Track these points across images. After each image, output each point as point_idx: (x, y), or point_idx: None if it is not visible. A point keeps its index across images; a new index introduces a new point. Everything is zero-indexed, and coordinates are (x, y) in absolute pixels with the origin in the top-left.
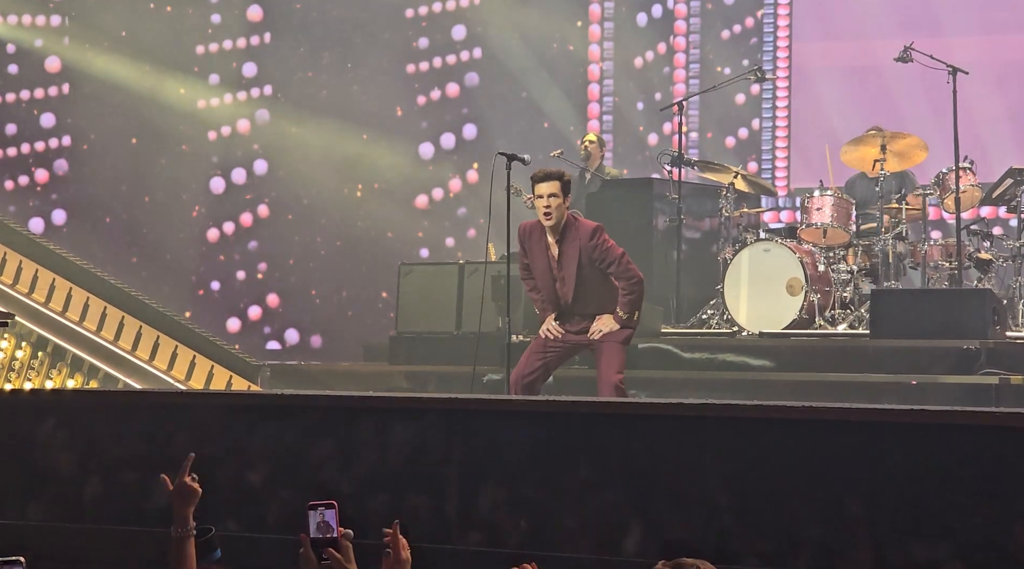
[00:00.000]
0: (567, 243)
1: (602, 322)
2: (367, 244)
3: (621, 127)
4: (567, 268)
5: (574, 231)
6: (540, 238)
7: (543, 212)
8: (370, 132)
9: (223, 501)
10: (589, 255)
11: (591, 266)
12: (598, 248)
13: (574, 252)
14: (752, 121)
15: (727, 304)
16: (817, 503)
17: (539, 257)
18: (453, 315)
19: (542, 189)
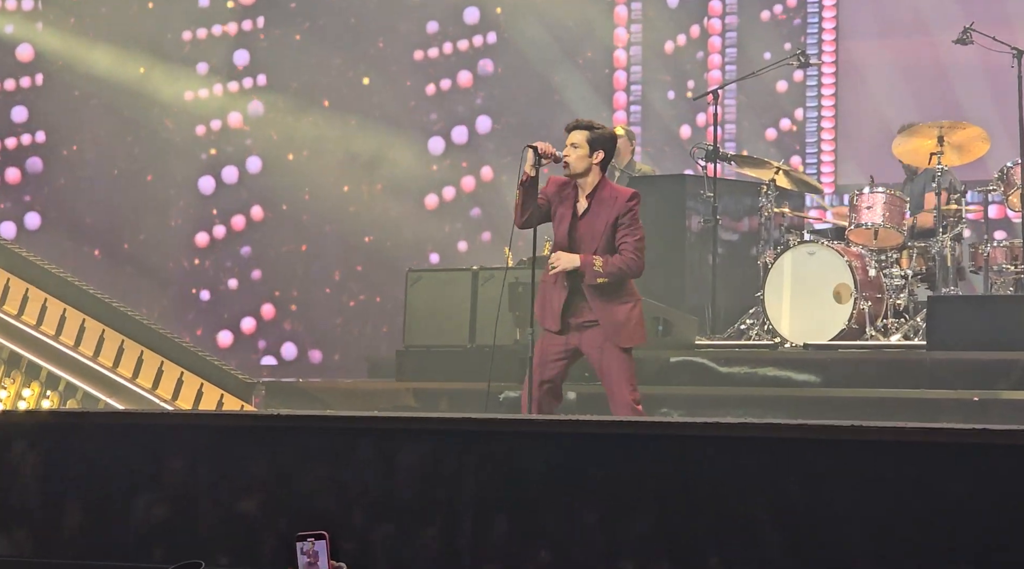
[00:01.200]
0: (598, 205)
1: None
2: (371, 249)
3: (651, 119)
4: (592, 227)
5: (609, 195)
6: (569, 192)
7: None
8: (374, 126)
9: (213, 533)
10: (618, 216)
11: (612, 231)
12: (630, 212)
13: (604, 216)
14: (795, 111)
15: (768, 313)
16: (870, 532)
17: (563, 206)
18: (466, 327)
19: (570, 137)
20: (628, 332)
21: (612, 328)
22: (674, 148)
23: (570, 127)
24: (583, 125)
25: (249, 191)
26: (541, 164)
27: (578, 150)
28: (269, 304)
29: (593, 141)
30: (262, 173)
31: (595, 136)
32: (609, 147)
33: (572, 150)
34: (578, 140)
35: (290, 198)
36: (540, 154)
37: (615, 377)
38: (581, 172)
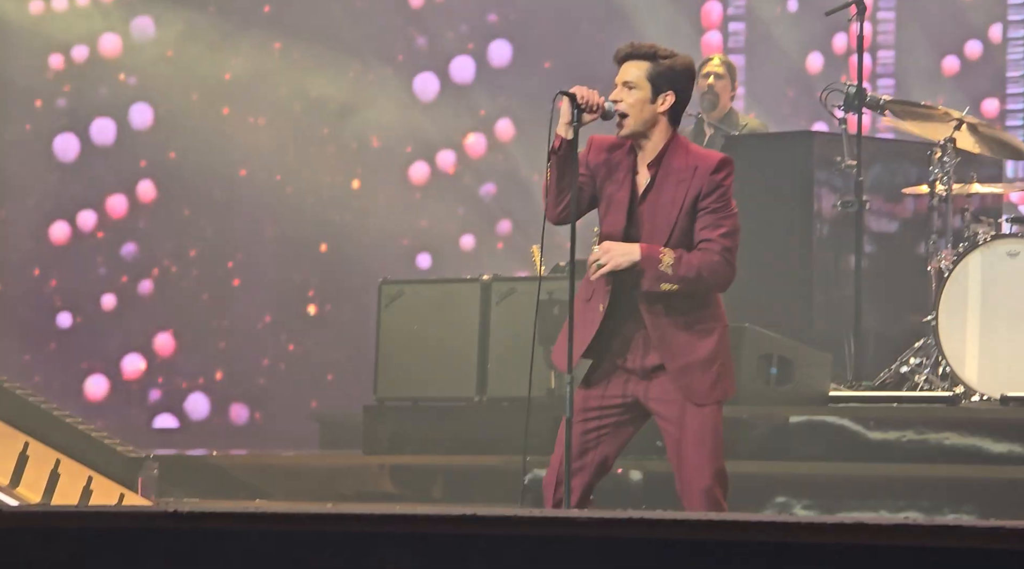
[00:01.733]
0: (668, 178)
1: (611, 245)
2: (325, 246)
3: (761, 44)
4: (658, 212)
5: (684, 163)
6: (622, 160)
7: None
8: (330, 56)
9: None
10: (699, 195)
11: (690, 217)
12: (719, 189)
13: (676, 196)
14: (990, 28)
15: (944, 349)
16: None
17: (614, 182)
18: (472, 368)
19: (621, 72)
20: (710, 379)
21: (684, 373)
22: (798, 90)
23: (621, 55)
24: (641, 52)
25: (134, 158)
26: (582, 121)
27: (635, 92)
28: (166, 334)
29: (658, 77)
30: (154, 130)
31: (661, 69)
32: (683, 86)
33: (626, 93)
34: (634, 77)
35: (198, 169)
36: (580, 105)
37: (690, 450)
38: (640, 128)
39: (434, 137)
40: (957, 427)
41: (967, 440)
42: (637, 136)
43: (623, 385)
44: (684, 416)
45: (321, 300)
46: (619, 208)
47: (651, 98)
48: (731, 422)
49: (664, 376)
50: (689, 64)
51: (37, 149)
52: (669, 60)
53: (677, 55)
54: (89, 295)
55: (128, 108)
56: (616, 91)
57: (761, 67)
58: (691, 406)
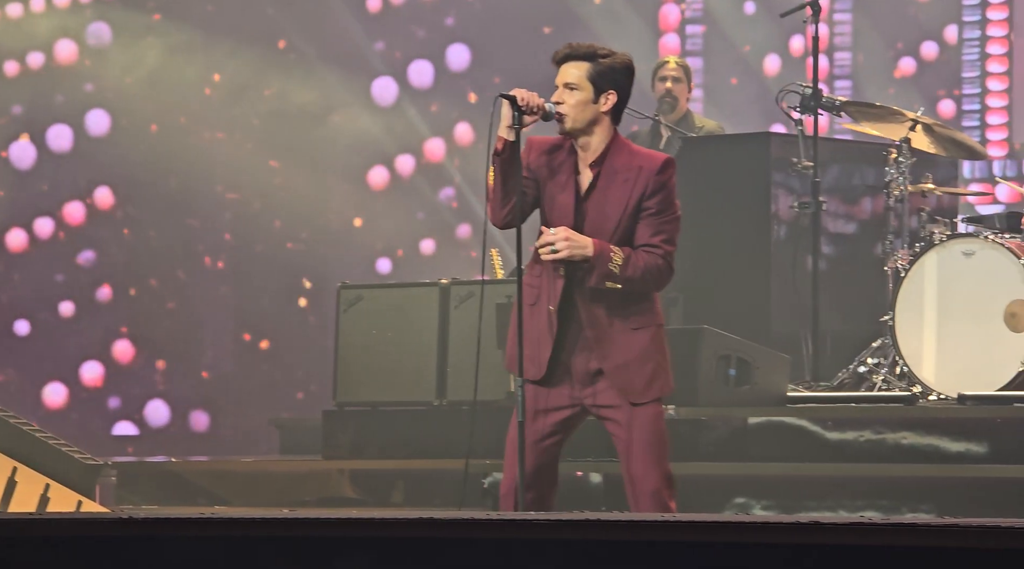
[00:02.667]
0: (611, 178)
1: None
2: (284, 252)
3: (717, 45)
4: (602, 213)
5: (626, 163)
6: (564, 159)
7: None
8: (286, 60)
9: None
10: (642, 196)
11: (633, 217)
12: (664, 189)
13: (619, 196)
14: (945, 30)
15: (902, 348)
16: None
17: (556, 182)
18: (432, 373)
19: (561, 74)
20: (646, 377)
21: (620, 373)
22: (755, 92)
23: (560, 57)
24: (580, 52)
25: (91, 165)
26: (523, 123)
27: (576, 94)
28: (125, 341)
29: (598, 77)
30: (111, 136)
31: (601, 69)
32: (624, 84)
33: (567, 94)
34: (575, 78)
35: (157, 174)
36: (520, 107)
37: (637, 453)
38: (582, 127)
39: (393, 142)
40: (914, 426)
41: (924, 439)
42: (578, 135)
43: (569, 392)
44: (631, 420)
45: (281, 305)
46: (563, 209)
47: (593, 98)
48: (690, 423)
49: (604, 380)
50: (628, 63)
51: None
52: (609, 59)
53: (616, 54)
54: (47, 302)
55: (85, 114)
56: (557, 93)
57: (718, 69)
58: (635, 409)
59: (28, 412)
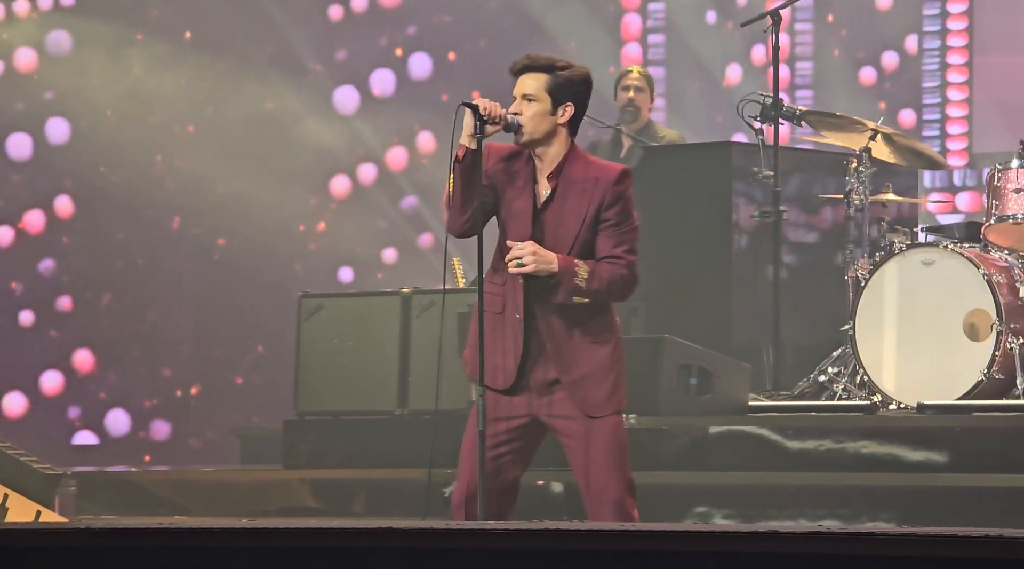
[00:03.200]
0: (568, 188)
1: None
2: (245, 262)
3: (680, 56)
4: (559, 224)
5: (584, 174)
6: (521, 169)
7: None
8: (247, 69)
9: None
10: (600, 207)
11: (592, 228)
12: (621, 200)
13: (577, 207)
14: (906, 39)
15: (861, 358)
16: None
17: (513, 190)
18: (393, 382)
19: (519, 85)
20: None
21: (579, 386)
22: (717, 101)
23: (518, 68)
24: (539, 64)
25: (51, 173)
26: (485, 133)
27: (534, 105)
28: (85, 350)
29: (557, 89)
30: (72, 144)
31: (559, 81)
32: (582, 97)
33: (525, 105)
34: (533, 89)
35: (116, 184)
36: (483, 116)
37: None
38: (539, 139)
39: (355, 150)
40: (875, 435)
41: (885, 448)
42: (536, 145)
43: (527, 403)
44: (588, 431)
45: (241, 315)
46: (521, 218)
47: (551, 110)
48: (651, 433)
49: (561, 391)
50: (587, 75)
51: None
52: (567, 72)
53: (574, 66)
54: (6, 311)
55: (45, 123)
56: (516, 103)
57: (680, 78)
58: (593, 421)
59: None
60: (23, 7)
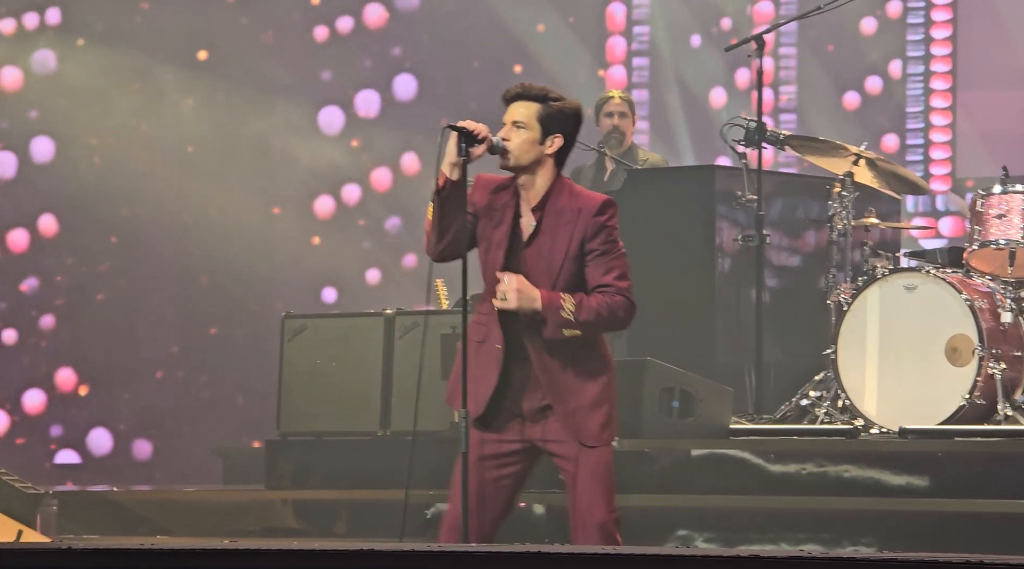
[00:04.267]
0: (554, 220)
1: (517, 280)
2: (228, 280)
3: (663, 78)
4: (545, 257)
5: (569, 205)
6: (507, 200)
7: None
8: (232, 89)
9: None
10: (584, 239)
11: (577, 260)
12: (604, 231)
13: (562, 239)
14: (890, 64)
15: (843, 382)
16: None
17: (496, 222)
18: (376, 403)
19: (510, 111)
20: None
21: (573, 417)
22: (701, 125)
23: (511, 95)
24: (532, 93)
25: (35, 191)
26: (471, 156)
27: (524, 132)
28: (68, 369)
29: (547, 119)
30: (55, 163)
31: (551, 111)
32: (572, 130)
33: (515, 132)
34: (524, 117)
35: (102, 202)
36: (471, 133)
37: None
38: (526, 166)
39: (339, 171)
40: (856, 460)
41: (866, 473)
42: (520, 173)
43: (519, 430)
44: (578, 456)
45: (225, 334)
46: (500, 250)
47: (540, 139)
48: (633, 455)
49: (554, 417)
50: (578, 109)
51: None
52: (559, 103)
53: (567, 99)
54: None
55: (29, 142)
56: (505, 130)
57: (664, 102)
58: (584, 449)
59: None
60: (8, 26)
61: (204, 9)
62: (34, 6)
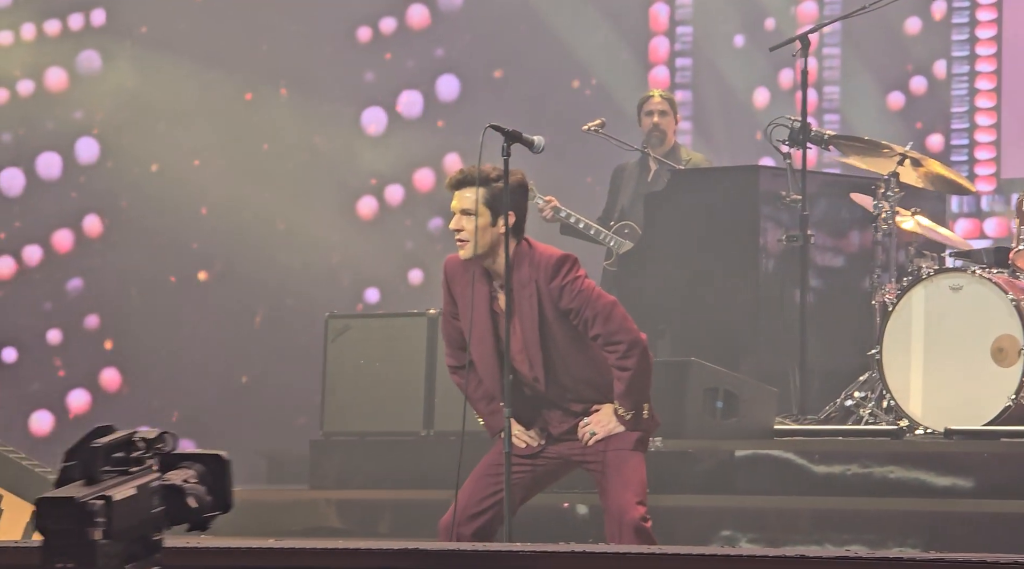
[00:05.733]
0: (519, 288)
1: (600, 418)
2: (272, 281)
3: (706, 79)
4: (524, 329)
5: (527, 269)
6: (476, 283)
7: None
8: (273, 90)
9: None
10: (554, 304)
11: (561, 322)
12: (566, 291)
13: (530, 304)
14: (934, 64)
15: (889, 382)
16: None
17: (477, 315)
18: (419, 403)
19: (457, 200)
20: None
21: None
22: (744, 125)
23: (453, 183)
24: (471, 178)
25: (80, 192)
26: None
27: (471, 220)
28: (112, 369)
29: (494, 200)
30: (100, 163)
31: (495, 193)
32: (521, 203)
33: (466, 220)
34: (471, 203)
35: (145, 202)
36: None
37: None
38: (485, 252)
39: (382, 171)
40: (901, 461)
41: (911, 473)
42: (484, 259)
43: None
44: (606, 457)
45: (268, 334)
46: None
47: (492, 221)
48: (676, 456)
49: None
50: (522, 181)
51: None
52: (501, 182)
53: (508, 174)
54: (34, 330)
55: (74, 142)
56: (456, 219)
57: (708, 102)
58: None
59: (14, 440)
60: (54, 27)
61: (249, 11)
62: (79, 7)
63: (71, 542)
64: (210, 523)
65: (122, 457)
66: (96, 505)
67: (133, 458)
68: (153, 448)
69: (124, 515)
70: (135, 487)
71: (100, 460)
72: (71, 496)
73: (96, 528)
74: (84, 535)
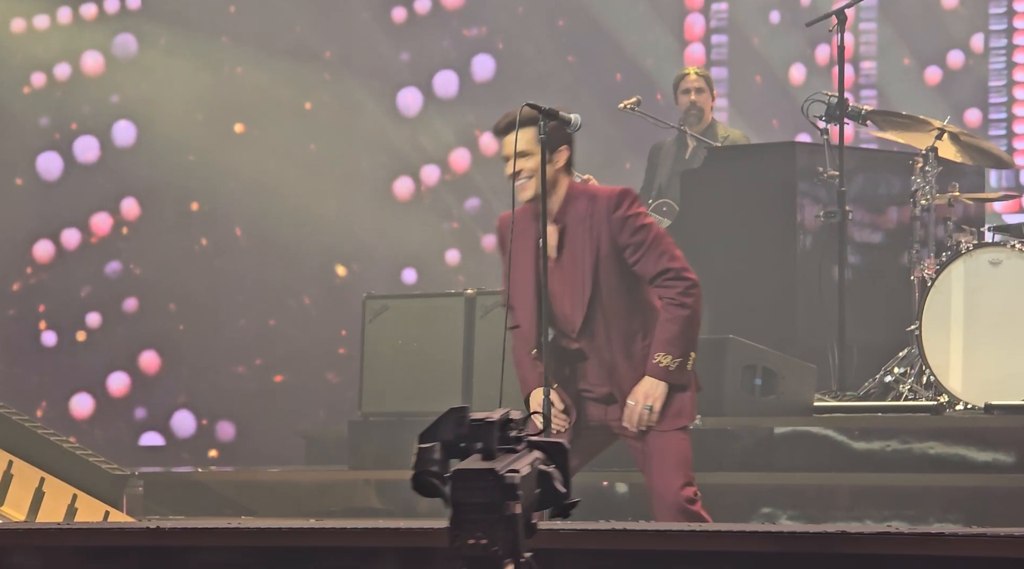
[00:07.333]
0: (576, 229)
1: (640, 394)
2: (310, 262)
3: (742, 54)
4: (575, 266)
5: (585, 203)
6: (529, 225)
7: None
8: (310, 71)
9: None
10: (612, 238)
11: (614, 259)
12: (629, 222)
13: (586, 239)
14: (972, 38)
15: (928, 358)
16: None
17: (523, 254)
18: (458, 382)
19: (505, 147)
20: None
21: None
22: (781, 101)
23: (500, 128)
24: (523, 119)
25: (118, 175)
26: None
27: (531, 158)
28: (151, 351)
29: (546, 138)
30: (137, 146)
31: (546, 132)
32: (570, 137)
33: (522, 161)
34: (525, 146)
35: (184, 186)
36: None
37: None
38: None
39: (418, 152)
40: (941, 436)
41: (951, 449)
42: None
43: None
44: (647, 438)
45: (306, 315)
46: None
47: (548, 159)
48: (716, 433)
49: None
50: (569, 116)
51: (21, 167)
52: (551, 118)
53: (553, 110)
54: (74, 313)
55: (111, 126)
56: (510, 163)
57: (744, 79)
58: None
59: (55, 423)
60: (90, 10)
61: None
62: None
63: (487, 517)
64: (571, 510)
65: (505, 436)
66: (515, 478)
67: (511, 437)
68: (520, 429)
69: (527, 493)
70: (528, 465)
71: (497, 436)
72: (492, 467)
73: (516, 501)
74: (504, 508)
